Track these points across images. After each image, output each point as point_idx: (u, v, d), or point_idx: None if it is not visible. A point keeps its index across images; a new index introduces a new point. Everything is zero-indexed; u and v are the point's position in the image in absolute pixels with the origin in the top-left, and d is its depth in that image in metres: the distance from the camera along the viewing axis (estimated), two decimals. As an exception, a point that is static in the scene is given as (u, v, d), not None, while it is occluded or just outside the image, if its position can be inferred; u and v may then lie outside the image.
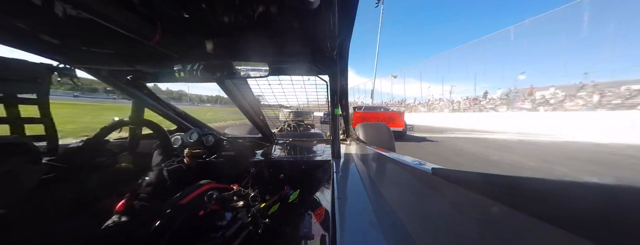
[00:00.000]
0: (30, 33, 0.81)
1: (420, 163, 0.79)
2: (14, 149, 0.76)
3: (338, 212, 0.61)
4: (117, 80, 1.29)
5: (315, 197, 0.92)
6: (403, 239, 0.51)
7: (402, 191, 0.78)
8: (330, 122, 1.46)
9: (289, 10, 0.74)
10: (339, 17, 0.73)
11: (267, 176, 1.17)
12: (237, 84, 1.41)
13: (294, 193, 1.01)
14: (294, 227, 0.77)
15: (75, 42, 0.92)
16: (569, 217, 0.28)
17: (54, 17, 0.68)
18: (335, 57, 1.09)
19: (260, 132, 1.85)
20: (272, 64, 1.05)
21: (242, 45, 0.99)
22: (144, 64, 1.19)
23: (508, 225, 0.36)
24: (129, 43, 0.80)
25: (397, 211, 0.65)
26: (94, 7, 0.56)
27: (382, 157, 1.14)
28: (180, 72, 0.97)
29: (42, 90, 0.93)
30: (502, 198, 0.38)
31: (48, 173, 0.84)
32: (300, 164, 1.22)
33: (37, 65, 0.93)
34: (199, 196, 0.98)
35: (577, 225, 0.27)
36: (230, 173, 1.40)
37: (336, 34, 0.82)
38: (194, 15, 0.78)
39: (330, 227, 0.57)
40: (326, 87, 1.48)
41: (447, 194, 0.54)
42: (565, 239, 0.28)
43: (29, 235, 0.73)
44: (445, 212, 0.52)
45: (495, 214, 0.39)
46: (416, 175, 0.72)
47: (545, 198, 0.32)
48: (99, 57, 1.08)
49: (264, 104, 1.94)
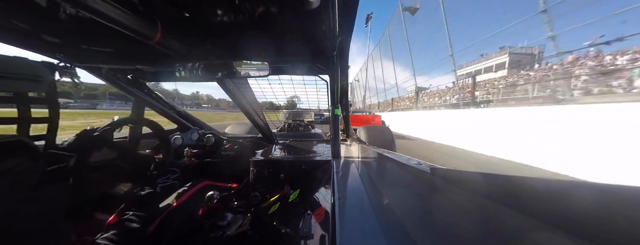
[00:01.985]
0: (31, 32, 0.81)
1: (419, 163, 0.79)
2: (14, 148, 0.76)
3: (338, 211, 0.61)
4: (117, 79, 1.29)
5: (315, 197, 0.92)
6: (403, 239, 0.51)
7: (402, 191, 0.78)
8: (331, 122, 1.46)
9: (289, 10, 0.74)
10: (339, 17, 0.73)
11: (267, 176, 1.17)
12: (237, 83, 1.41)
13: (294, 193, 1.02)
14: (294, 227, 0.77)
15: (76, 41, 0.92)
16: (568, 217, 0.29)
17: (55, 16, 0.69)
18: (335, 57, 1.09)
19: (261, 132, 1.85)
20: (272, 63, 1.05)
21: (242, 45, 0.99)
22: (145, 63, 1.19)
23: (506, 224, 0.36)
24: (130, 42, 0.80)
25: (396, 211, 0.65)
26: (95, 6, 0.56)
27: (382, 157, 1.14)
28: (180, 71, 0.98)
29: (50, 90, 0.93)
30: (500, 198, 0.38)
31: (48, 173, 0.84)
32: (300, 164, 1.22)
33: (38, 63, 0.94)
34: (196, 194, 0.98)
35: (577, 225, 0.27)
36: (230, 173, 1.40)
37: (336, 33, 0.82)
38: (195, 15, 0.78)
39: (330, 226, 0.57)
40: (326, 87, 1.48)
41: (446, 193, 0.54)
42: (564, 238, 0.28)
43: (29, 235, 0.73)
44: (444, 212, 0.52)
45: (494, 214, 0.39)
46: (415, 175, 0.72)
47: (545, 198, 0.32)
48: (100, 56, 1.08)
49: (264, 103, 1.94)
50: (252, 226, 0.94)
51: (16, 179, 0.72)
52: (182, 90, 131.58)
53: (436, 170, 0.61)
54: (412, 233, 0.52)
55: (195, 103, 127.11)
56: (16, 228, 0.71)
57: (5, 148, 0.74)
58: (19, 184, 0.73)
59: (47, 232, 0.79)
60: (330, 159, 1.23)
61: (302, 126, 3.05)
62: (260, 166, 1.18)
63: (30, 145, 0.81)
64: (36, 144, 0.86)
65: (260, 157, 1.29)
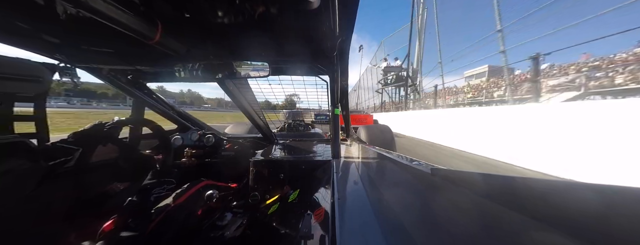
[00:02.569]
0: (31, 32, 0.81)
1: (419, 163, 0.79)
2: (15, 148, 0.76)
3: (338, 212, 0.61)
4: (117, 80, 1.29)
5: (315, 197, 0.92)
6: (402, 239, 0.51)
7: (402, 191, 0.78)
8: (331, 122, 1.46)
9: (289, 11, 0.74)
10: (340, 17, 0.73)
11: (266, 176, 1.17)
12: (237, 83, 1.41)
13: (294, 193, 1.01)
14: (294, 227, 0.77)
15: (76, 41, 0.92)
16: (567, 217, 0.29)
17: (55, 17, 0.69)
18: (335, 58, 1.09)
19: (261, 132, 1.85)
20: (272, 63, 1.05)
21: (242, 45, 0.99)
22: (145, 64, 1.19)
23: (506, 224, 0.36)
24: (130, 42, 0.80)
25: (396, 211, 0.65)
26: (95, 6, 0.56)
27: (382, 157, 1.14)
28: (180, 72, 0.98)
29: (41, 89, 0.93)
30: (501, 198, 0.38)
31: (48, 172, 0.84)
32: (300, 164, 1.22)
33: (38, 64, 0.94)
34: (195, 194, 0.98)
35: (576, 225, 0.27)
36: (230, 173, 1.40)
37: (337, 34, 0.82)
38: (195, 15, 0.78)
39: (329, 227, 0.57)
40: (326, 87, 1.48)
41: (446, 193, 0.54)
42: (564, 238, 0.28)
43: (29, 235, 0.73)
44: (444, 212, 0.52)
45: (494, 214, 0.39)
46: (415, 175, 0.72)
47: (544, 198, 0.32)
48: (100, 56, 1.08)
49: (264, 103, 1.94)
50: (251, 226, 0.94)
51: (17, 179, 0.72)
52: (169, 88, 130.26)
53: (436, 170, 0.61)
54: (412, 233, 0.52)
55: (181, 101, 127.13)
56: (16, 228, 0.71)
57: (5, 148, 0.74)
58: (19, 184, 0.73)
59: (47, 232, 0.79)
60: (330, 159, 1.23)
61: (302, 126, 3.05)
62: (260, 166, 1.18)
63: (30, 146, 0.81)
64: (36, 144, 0.86)
65: (260, 157, 1.29)
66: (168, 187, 1.12)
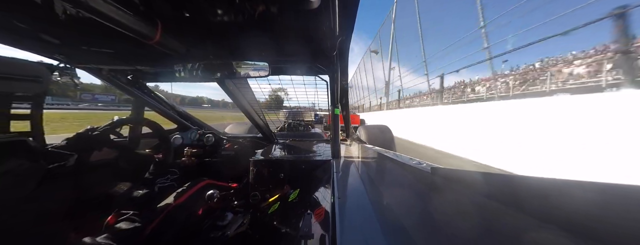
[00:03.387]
0: (31, 33, 0.81)
1: (419, 162, 0.79)
2: (15, 149, 0.76)
3: (338, 211, 0.61)
4: (117, 80, 1.29)
5: (315, 196, 0.92)
6: (402, 238, 0.51)
7: (402, 190, 0.78)
8: (330, 122, 1.46)
9: (289, 10, 0.74)
10: (339, 17, 0.73)
11: (267, 175, 1.17)
12: (238, 83, 1.41)
13: (294, 192, 1.01)
14: (294, 226, 0.77)
15: (76, 41, 0.92)
16: (568, 217, 0.29)
17: (55, 17, 0.68)
18: (335, 57, 1.09)
19: (261, 131, 1.85)
20: (272, 63, 1.05)
21: (242, 45, 0.99)
22: (145, 64, 1.19)
23: (506, 223, 0.36)
24: (130, 43, 0.80)
25: (396, 210, 0.65)
26: (95, 6, 0.56)
27: (382, 157, 1.14)
28: (180, 72, 0.97)
29: (40, 89, 0.93)
30: (500, 197, 0.38)
31: (48, 172, 0.84)
32: (300, 164, 1.22)
33: (37, 64, 0.94)
34: (196, 193, 0.98)
35: (576, 225, 0.27)
36: (230, 172, 1.40)
37: (336, 33, 0.82)
38: (195, 15, 0.78)
39: (330, 226, 0.57)
40: (326, 87, 1.48)
41: (446, 193, 0.54)
42: (564, 238, 0.28)
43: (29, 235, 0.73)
44: (444, 211, 0.52)
45: (494, 213, 0.39)
46: (415, 175, 0.72)
47: (545, 198, 0.32)
48: (100, 56, 1.08)
49: (264, 103, 1.94)
50: (251, 226, 0.94)
51: (17, 179, 0.72)
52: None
53: (436, 169, 0.61)
54: (412, 233, 0.52)
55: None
56: (16, 228, 0.71)
57: (5, 148, 0.74)
58: (20, 184, 0.73)
59: (47, 232, 0.79)
60: (330, 159, 1.23)
61: (302, 126, 3.05)
62: (260, 166, 1.18)
63: (29, 145, 0.81)
64: (36, 145, 0.86)
65: (260, 156, 1.29)
66: (172, 177, 1.12)
